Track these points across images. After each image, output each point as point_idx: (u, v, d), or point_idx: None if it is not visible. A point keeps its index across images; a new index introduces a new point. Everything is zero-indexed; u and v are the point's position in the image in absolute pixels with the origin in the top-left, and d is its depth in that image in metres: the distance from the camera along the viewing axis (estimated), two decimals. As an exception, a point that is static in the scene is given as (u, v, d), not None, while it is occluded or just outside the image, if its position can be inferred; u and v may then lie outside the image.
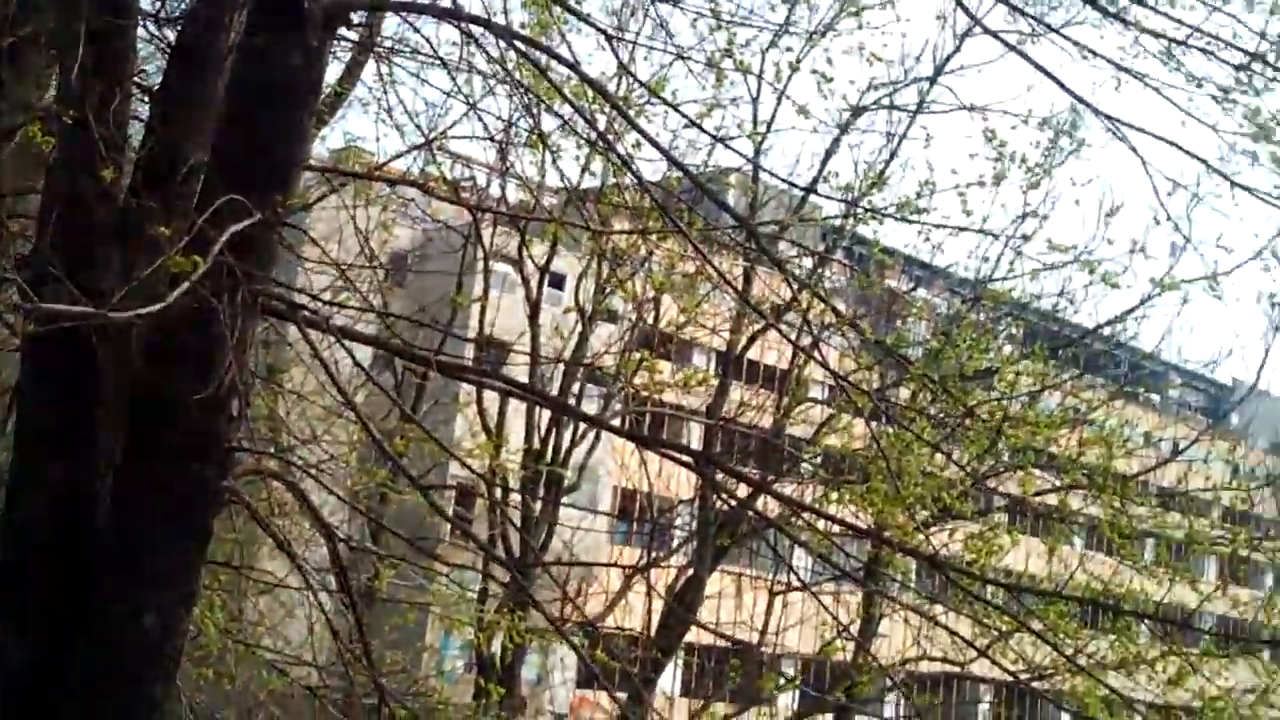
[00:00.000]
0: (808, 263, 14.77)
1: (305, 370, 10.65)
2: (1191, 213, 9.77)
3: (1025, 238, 15.02)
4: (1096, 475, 10.80)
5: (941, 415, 10.71)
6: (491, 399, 18.92)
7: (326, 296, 8.34)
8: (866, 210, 12.68)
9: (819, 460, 16.69)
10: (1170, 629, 9.93)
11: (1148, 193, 8.71)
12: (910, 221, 12.32)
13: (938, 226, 12.29)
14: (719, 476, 10.66)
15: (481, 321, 18.99)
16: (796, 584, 15.52)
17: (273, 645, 13.30)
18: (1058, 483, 11.84)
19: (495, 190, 17.90)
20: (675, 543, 21.01)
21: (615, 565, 19.06)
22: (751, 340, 18.57)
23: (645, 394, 18.24)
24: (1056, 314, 16.73)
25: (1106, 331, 16.44)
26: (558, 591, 12.56)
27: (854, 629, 15.79)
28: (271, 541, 8.48)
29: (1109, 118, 7.72)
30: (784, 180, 13.03)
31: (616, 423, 17.23)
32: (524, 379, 17.21)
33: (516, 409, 19.09)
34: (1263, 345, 10.77)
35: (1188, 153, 7.86)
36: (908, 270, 20.61)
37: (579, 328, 18.76)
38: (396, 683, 12.88)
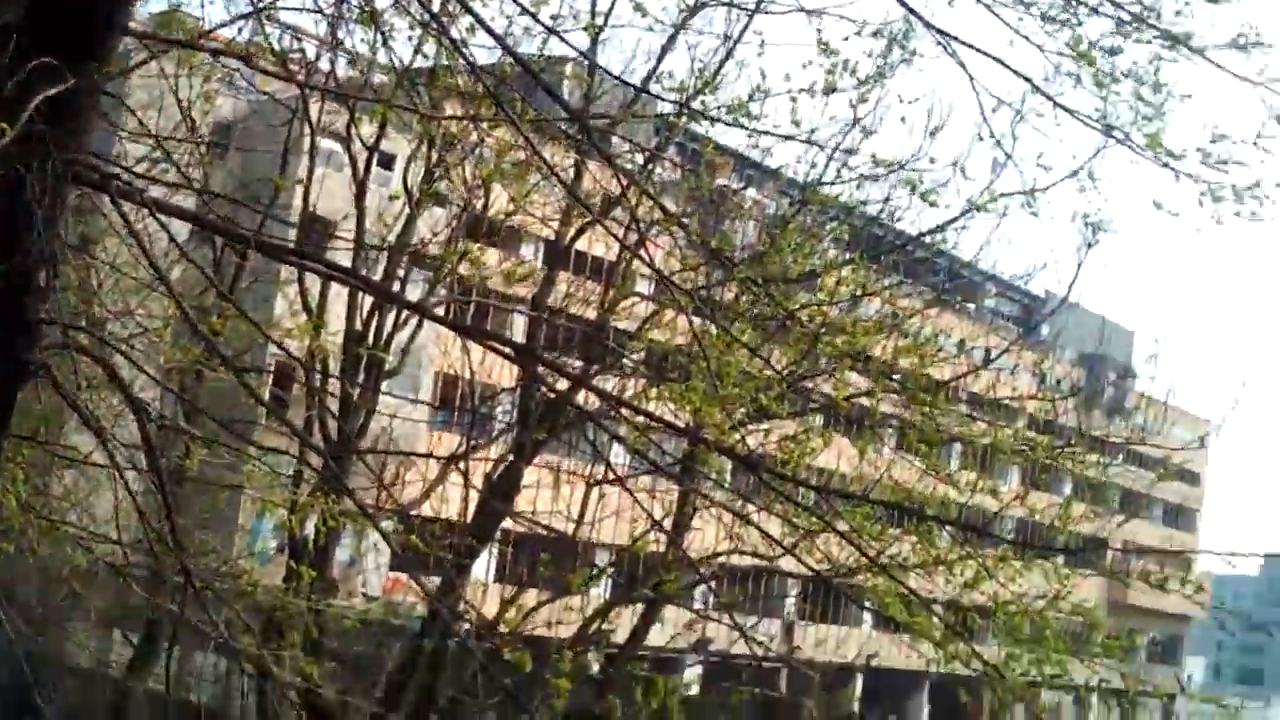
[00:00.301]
0: (639, 159, 14.73)
1: (119, 242, 10.33)
2: (1015, 130, 9.99)
3: (850, 151, 15.12)
4: (908, 382, 11.06)
5: (763, 317, 10.82)
6: (313, 279, 18.55)
7: (143, 168, 8.06)
8: (698, 112, 12.64)
9: (641, 356, 16.76)
10: (970, 535, 10.30)
11: (974, 109, 8.87)
12: (740, 126, 12.30)
13: (764, 133, 12.27)
14: (540, 369, 10.67)
15: (306, 200, 18.57)
16: (613, 477, 15.64)
17: (78, 522, 13.02)
18: (872, 387, 12.08)
19: (325, 65, 17.42)
20: (494, 432, 20.98)
21: (430, 456, 19.00)
22: (579, 233, 18.48)
23: (470, 282, 18.11)
24: (880, 220, 16.95)
25: (927, 240, 16.74)
26: (374, 477, 12.49)
27: (667, 523, 16.02)
28: (79, 417, 8.28)
29: (940, 31, 7.80)
30: (616, 78, 12.90)
31: (440, 310, 17.07)
32: (347, 261, 16.93)
33: (338, 291, 18.73)
34: (1075, 261, 11.13)
35: (1014, 71, 8.01)
36: (739, 170, 20.67)
37: (406, 211, 18.45)
38: (206, 563, 12.72)
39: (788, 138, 11.03)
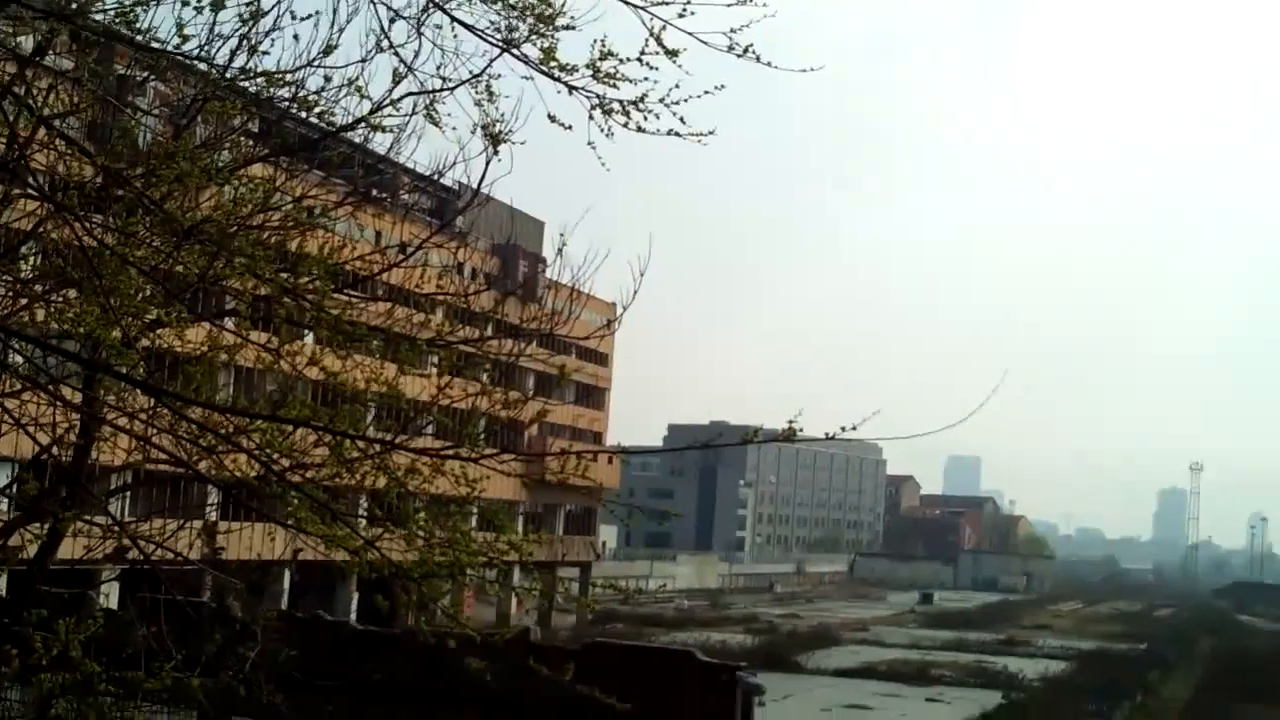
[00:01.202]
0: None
1: None
2: (415, 40, 10.13)
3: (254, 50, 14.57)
4: (320, 281, 10.95)
5: (169, 222, 10.33)
6: None
7: None
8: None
9: (35, 262, 15.66)
10: (384, 446, 10.42)
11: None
12: (129, 30, 11.52)
13: (148, 48, 11.52)
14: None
15: None
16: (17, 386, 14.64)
17: None
18: (290, 284, 11.85)
19: None
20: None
21: None
22: None
23: None
24: (294, 114, 16.54)
25: (343, 136, 16.49)
26: None
27: (73, 434, 15.20)
28: None
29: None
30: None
31: None
32: None
33: None
34: (483, 161, 11.42)
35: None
36: (139, 58, 19.55)
37: None
38: None
39: (176, 51, 10.50)
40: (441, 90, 10.98)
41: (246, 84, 11.50)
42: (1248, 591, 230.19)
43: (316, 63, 11.09)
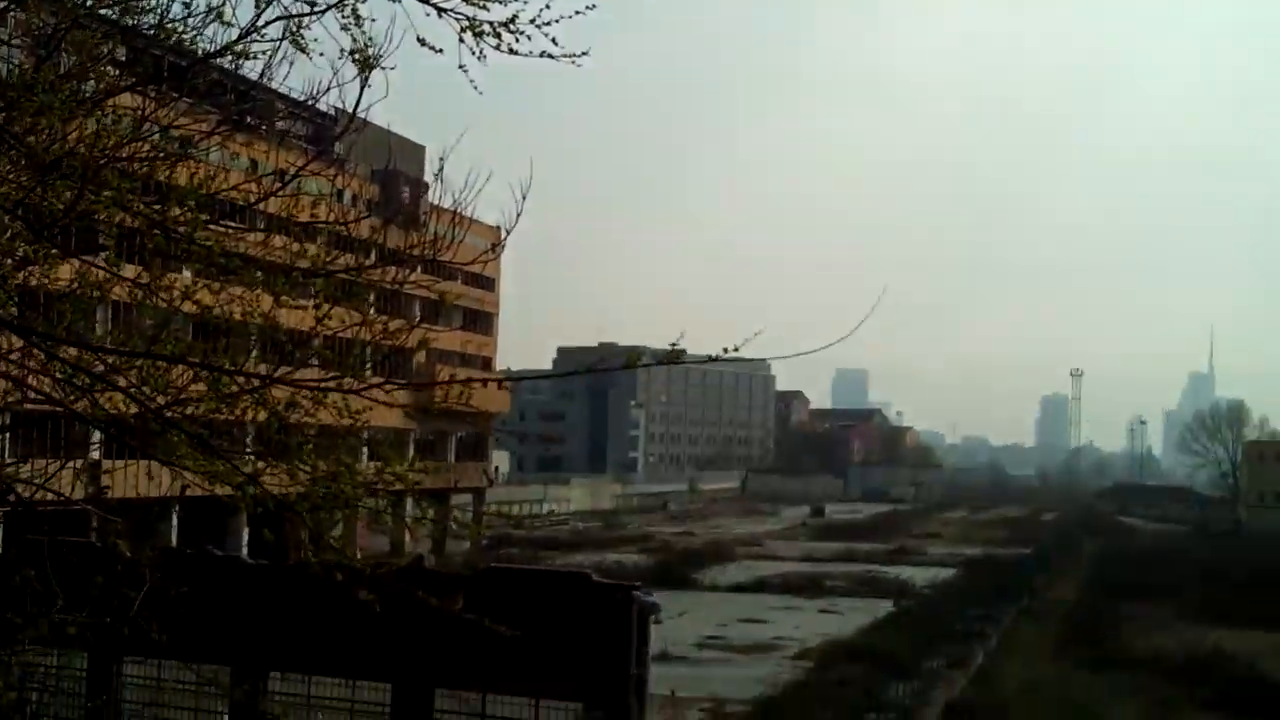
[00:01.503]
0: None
1: None
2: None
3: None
4: (192, 212, 10.72)
5: (33, 154, 10.03)
6: None
7: None
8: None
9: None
10: (261, 381, 10.25)
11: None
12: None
13: None
14: None
15: None
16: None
17: None
18: (160, 216, 11.58)
19: None
20: None
21: None
22: None
23: None
24: (162, 41, 16.10)
25: (215, 63, 16.06)
26: None
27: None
28: None
29: None
30: None
31: None
32: None
33: None
34: (358, 85, 11.11)
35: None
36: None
37: None
38: None
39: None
40: (307, 15, 10.74)
41: (108, 12, 11.15)
42: (1129, 493, 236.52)
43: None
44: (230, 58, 11.45)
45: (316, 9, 10.68)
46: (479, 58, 10.33)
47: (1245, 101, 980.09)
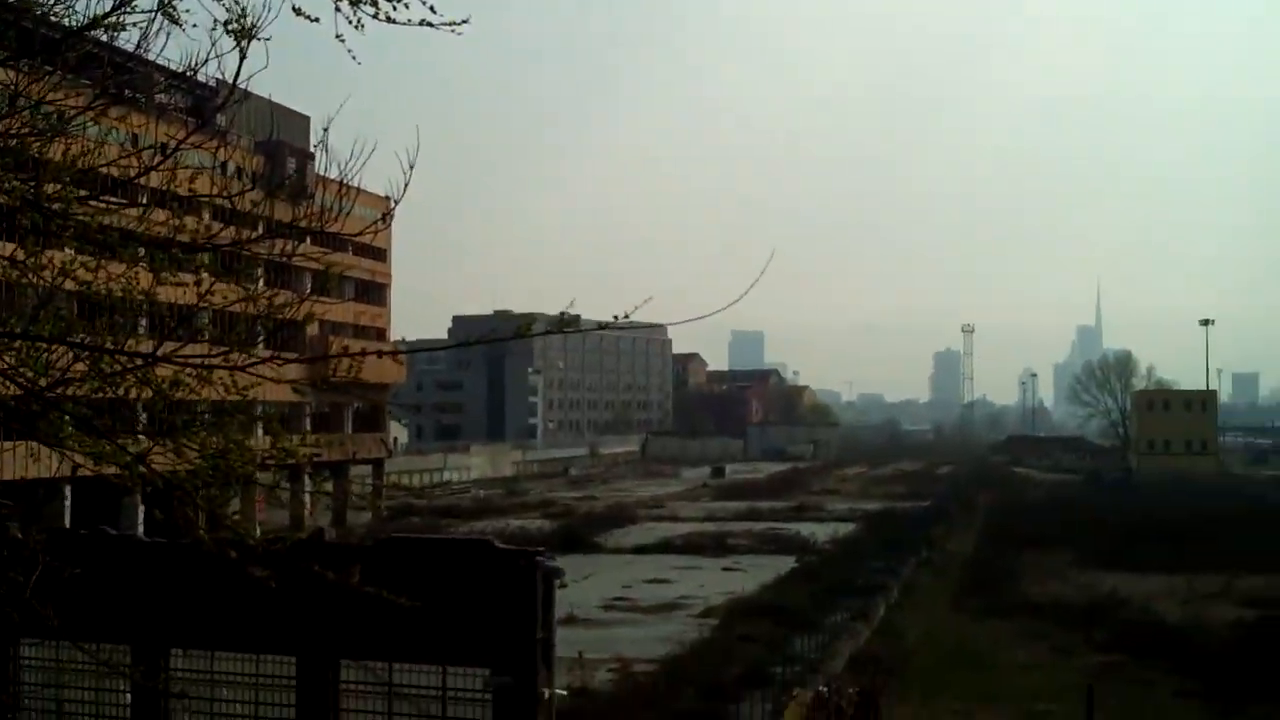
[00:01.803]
0: None
1: None
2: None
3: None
4: (67, 188, 10.51)
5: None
6: None
7: None
8: None
9: None
10: (144, 359, 10.10)
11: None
12: None
13: None
14: None
15: None
16: None
17: None
18: (32, 193, 11.35)
19: None
20: None
21: None
22: None
23: None
24: (32, 13, 15.72)
25: (89, 35, 15.72)
26: None
27: None
28: None
29: None
30: None
31: None
32: None
33: None
34: (237, 56, 10.90)
35: None
36: None
37: None
38: None
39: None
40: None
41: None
42: (1021, 445, 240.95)
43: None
44: (104, 30, 11.20)
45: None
46: (356, 26, 10.22)
47: (1123, 50, 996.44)
